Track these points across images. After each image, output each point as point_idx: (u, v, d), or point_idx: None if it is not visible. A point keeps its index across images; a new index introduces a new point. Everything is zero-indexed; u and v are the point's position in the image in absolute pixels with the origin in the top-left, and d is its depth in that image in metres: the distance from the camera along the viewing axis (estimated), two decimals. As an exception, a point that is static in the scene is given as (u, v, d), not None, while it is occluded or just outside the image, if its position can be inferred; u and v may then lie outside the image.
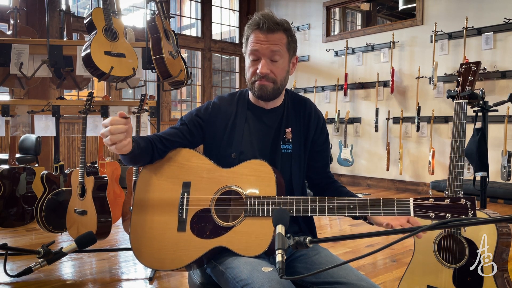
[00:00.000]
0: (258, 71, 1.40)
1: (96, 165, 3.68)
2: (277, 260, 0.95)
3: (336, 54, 6.97)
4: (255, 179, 1.35)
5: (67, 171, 3.02)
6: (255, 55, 1.40)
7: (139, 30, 6.67)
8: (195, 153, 1.46)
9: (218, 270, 1.31)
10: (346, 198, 1.25)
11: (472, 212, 1.13)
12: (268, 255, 1.31)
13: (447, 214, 1.14)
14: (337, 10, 7.58)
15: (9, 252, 2.19)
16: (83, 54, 2.60)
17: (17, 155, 4.71)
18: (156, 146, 1.43)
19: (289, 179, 1.48)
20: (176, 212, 1.39)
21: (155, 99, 3.19)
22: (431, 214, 1.16)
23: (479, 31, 5.37)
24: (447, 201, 1.15)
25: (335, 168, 6.85)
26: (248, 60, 1.44)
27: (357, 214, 1.24)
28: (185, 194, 1.39)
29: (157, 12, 2.85)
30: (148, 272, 2.77)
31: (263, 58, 1.39)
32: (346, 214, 1.24)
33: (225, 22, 8.45)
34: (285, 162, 1.48)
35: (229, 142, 1.47)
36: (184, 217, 1.37)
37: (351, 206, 1.23)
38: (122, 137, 1.21)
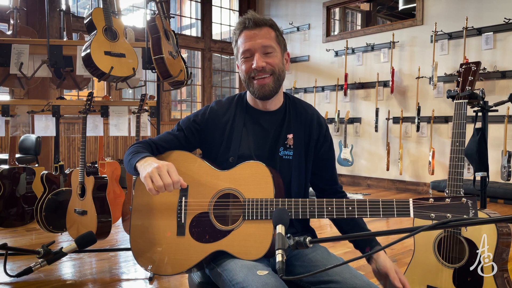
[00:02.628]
0: (253, 66, 1.38)
1: (96, 165, 3.68)
2: (277, 260, 0.95)
3: (336, 54, 6.97)
4: (252, 181, 1.33)
5: (67, 171, 3.02)
6: (248, 53, 1.40)
7: (139, 30, 6.67)
8: (192, 155, 1.45)
9: (215, 272, 1.31)
10: (344, 200, 1.24)
11: (473, 211, 1.11)
12: (267, 257, 1.31)
13: (448, 214, 1.12)
14: (337, 10, 7.58)
15: (9, 252, 2.19)
16: (83, 54, 2.60)
17: (17, 155, 4.71)
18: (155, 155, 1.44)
19: (288, 186, 1.45)
20: (174, 217, 1.38)
21: (155, 99, 3.19)
22: (432, 214, 1.13)
23: (479, 31, 5.37)
24: (448, 200, 1.13)
25: (335, 168, 6.85)
26: (241, 61, 1.43)
27: (356, 216, 1.23)
28: (183, 198, 1.38)
29: (157, 12, 2.85)
30: (148, 272, 2.77)
31: (256, 53, 1.39)
32: (345, 216, 1.23)
33: (225, 22, 8.45)
34: (284, 169, 1.45)
35: (227, 146, 1.46)
36: (182, 221, 1.36)
37: (350, 208, 1.22)
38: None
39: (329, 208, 1.24)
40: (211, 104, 1.55)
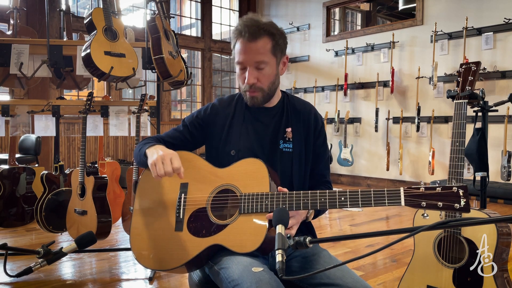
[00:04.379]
0: (245, 81, 1.43)
1: (96, 165, 3.68)
2: (277, 260, 0.95)
3: (336, 54, 6.97)
4: (249, 177, 1.37)
5: (67, 171, 3.02)
6: (241, 65, 1.43)
7: (139, 30, 6.67)
8: (192, 154, 1.49)
9: (214, 270, 1.33)
10: (337, 190, 1.26)
11: (464, 200, 1.09)
12: (263, 253, 1.32)
13: (439, 203, 1.11)
14: (337, 10, 7.58)
15: (9, 252, 2.19)
16: (83, 54, 2.60)
17: (17, 155, 4.71)
18: None
19: (290, 178, 1.49)
20: (174, 213, 1.41)
21: (155, 99, 3.19)
22: (423, 203, 1.13)
23: (479, 31, 5.37)
24: (438, 189, 1.12)
25: (335, 168, 6.85)
26: (236, 68, 1.48)
27: (348, 206, 1.24)
28: (183, 194, 1.42)
29: (157, 12, 2.85)
30: (148, 272, 2.77)
31: (248, 67, 1.41)
32: (337, 207, 1.25)
33: (225, 22, 8.45)
34: (286, 161, 1.50)
35: (228, 140, 1.51)
36: (181, 217, 1.39)
37: (342, 198, 1.23)
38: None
39: (322, 199, 1.26)
40: (214, 101, 1.61)
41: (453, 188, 1.11)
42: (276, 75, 1.48)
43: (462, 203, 1.09)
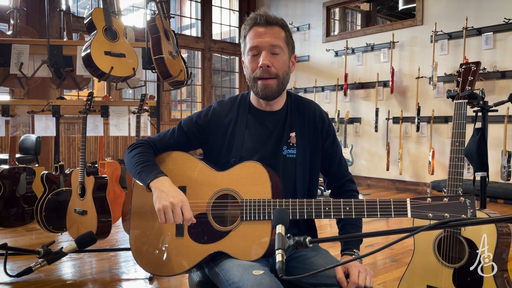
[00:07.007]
0: (259, 64, 1.36)
1: (96, 165, 3.68)
2: (277, 260, 0.95)
3: (336, 54, 6.97)
4: (249, 181, 1.33)
5: (67, 171, 3.02)
6: (255, 50, 1.38)
7: (139, 30, 6.67)
8: (190, 156, 1.45)
9: (214, 271, 1.32)
10: (342, 200, 1.23)
11: (471, 210, 1.09)
12: (265, 257, 1.31)
13: (446, 214, 1.11)
14: (337, 10, 7.58)
15: (9, 252, 2.19)
16: (83, 54, 2.60)
17: (17, 155, 4.71)
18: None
19: (293, 185, 1.44)
20: None
21: (155, 99, 3.19)
22: (429, 214, 1.13)
23: (479, 31, 5.37)
24: (445, 200, 1.11)
25: (335, 168, 6.85)
26: (247, 58, 1.41)
27: (353, 216, 1.22)
28: None
29: (157, 12, 2.85)
30: (148, 272, 2.77)
31: (263, 51, 1.37)
32: (342, 216, 1.23)
33: (225, 22, 8.45)
34: (289, 167, 1.44)
35: (229, 148, 1.45)
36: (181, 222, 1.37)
37: (347, 208, 1.22)
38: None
39: (327, 209, 1.24)
40: (214, 104, 1.53)
41: (460, 198, 1.10)
42: (288, 68, 1.43)
43: (469, 213, 1.09)
